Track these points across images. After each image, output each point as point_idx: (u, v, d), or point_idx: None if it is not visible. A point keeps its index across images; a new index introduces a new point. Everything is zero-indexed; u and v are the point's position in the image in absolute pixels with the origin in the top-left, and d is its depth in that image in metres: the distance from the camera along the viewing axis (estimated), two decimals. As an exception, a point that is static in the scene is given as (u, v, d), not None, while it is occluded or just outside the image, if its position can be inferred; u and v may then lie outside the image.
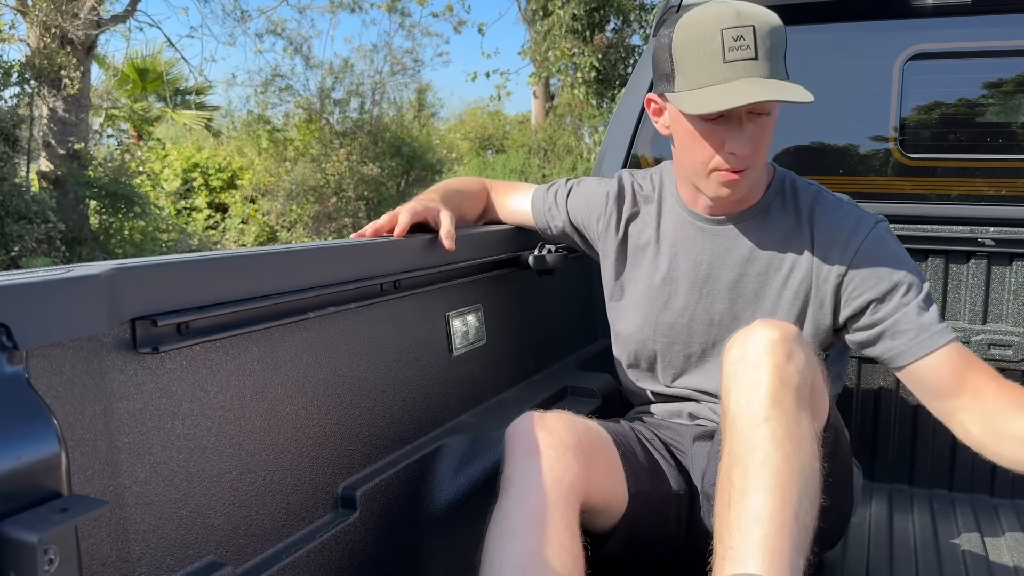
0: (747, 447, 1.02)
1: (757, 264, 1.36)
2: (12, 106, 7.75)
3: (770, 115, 1.22)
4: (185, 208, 11.75)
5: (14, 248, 6.99)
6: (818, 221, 1.33)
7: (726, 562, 0.98)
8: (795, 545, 0.97)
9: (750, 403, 1.05)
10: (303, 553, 1.04)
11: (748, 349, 1.08)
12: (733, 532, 0.98)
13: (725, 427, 1.09)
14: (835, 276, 1.31)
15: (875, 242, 1.30)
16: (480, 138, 17.76)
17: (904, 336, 1.26)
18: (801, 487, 1.00)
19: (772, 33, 1.17)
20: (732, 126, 1.20)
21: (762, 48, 1.15)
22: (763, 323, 1.12)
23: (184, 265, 0.89)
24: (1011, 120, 1.89)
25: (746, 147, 1.20)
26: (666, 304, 1.43)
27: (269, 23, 10.87)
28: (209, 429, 0.93)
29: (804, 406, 1.06)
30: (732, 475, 1.03)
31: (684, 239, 1.41)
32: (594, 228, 1.54)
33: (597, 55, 10.43)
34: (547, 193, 1.61)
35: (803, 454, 1.02)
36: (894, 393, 1.97)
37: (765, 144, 1.24)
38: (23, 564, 0.57)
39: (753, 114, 1.20)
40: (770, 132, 1.24)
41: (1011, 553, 1.63)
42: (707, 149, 1.23)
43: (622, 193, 1.49)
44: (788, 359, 1.06)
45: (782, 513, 0.97)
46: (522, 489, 1.13)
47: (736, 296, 1.38)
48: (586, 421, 1.32)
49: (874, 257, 1.29)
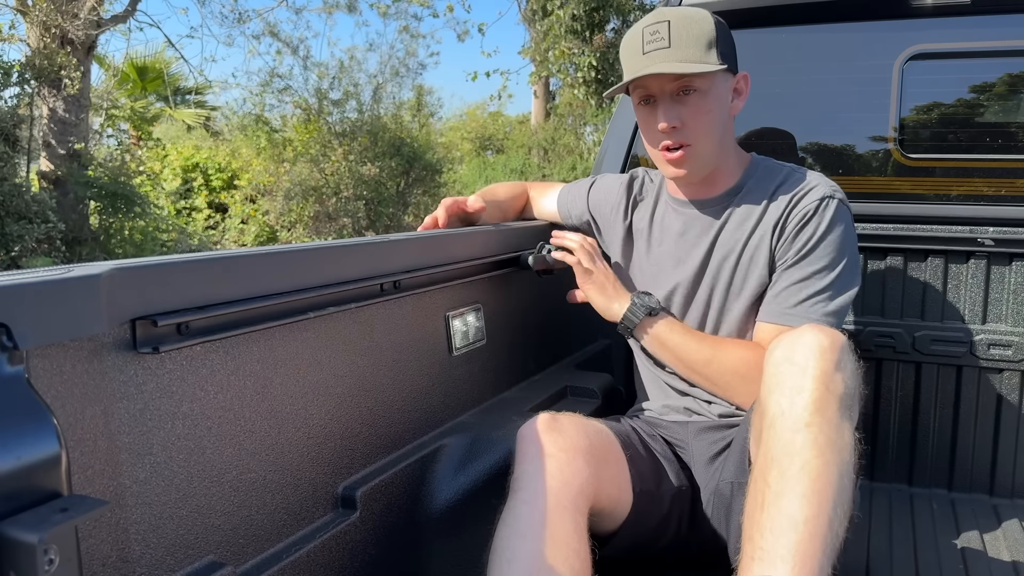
0: (786, 451, 1.02)
1: (726, 245, 1.42)
2: (12, 106, 7.74)
3: (697, 92, 1.32)
4: (185, 208, 11.74)
5: (14, 248, 6.99)
6: (779, 192, 1.39)
7: (755, 563, 0.97)
8: (826, 553, 0.96)
9: (793, 406, 1.04)
10: (303, 553, 1.04)
11: (795, 352, 1.08)
12: (765, 534, 0.98)
13: (762, 427, 1.08)
14: (774, 234, 1.37)
15: (818, 211, 1.33)
16: (480, 138, 17.76)
17: (767, 303, 1.35)
18: (837, 496, 1.00)
19: (690, 25, 1.31)
20: (660, 107, 1.35)
21: (676, 37, 1.31)
22: (813, 327, 1.12)
23: (184, 265, 0.89)
24: (1010, 120, 1.89)
25: (669, 122, 1.33)
26: (654, 283, 1.50)
27: (267, 24, 10.86)
28: (209, 429, 0.93)
29: (847, 416, 1.06)
30: (768, 477, 1.02)
31: (667, 225, 1.51)
32: (608, 216, 1.63)
33: (596, 55, 10.43)
34: (572, 188, 1.77)
35: (842, 464, 1.02)
36: (894, 393, 1.97)
37: (699, 122, 1.34)
38: (23, 564, 0.57)
39: (680, 95, 1.33)
40: (704, 109, 1.34)
41: (1011, 553, 1.63)
42: (647, 131, 1.40)
43: (632, 184, 1.61)
44: (836, 367, 1.06)
45: (818, 520, 0.97)
46: (532, 491, 1.13)
47: (711, 278, 1.43)
48: (596, 423, 1.33)
49: (810, 222, 1.34)
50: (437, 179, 11.13)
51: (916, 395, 1.95)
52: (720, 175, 1.44)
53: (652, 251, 1.52)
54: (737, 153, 1.46)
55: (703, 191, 1.46)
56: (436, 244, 1.38)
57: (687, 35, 1.31)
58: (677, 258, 1.47)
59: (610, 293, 1.46)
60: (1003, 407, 1.88)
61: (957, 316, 1.91)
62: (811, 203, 1.34)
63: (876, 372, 1.98)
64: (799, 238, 1.33)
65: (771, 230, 1.36)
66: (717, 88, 1.35)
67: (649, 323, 1.42)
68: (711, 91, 1.34)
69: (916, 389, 1.95)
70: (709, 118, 1.35)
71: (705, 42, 1.31)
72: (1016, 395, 1.87)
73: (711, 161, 1.40)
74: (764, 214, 1.38)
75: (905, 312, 1.94)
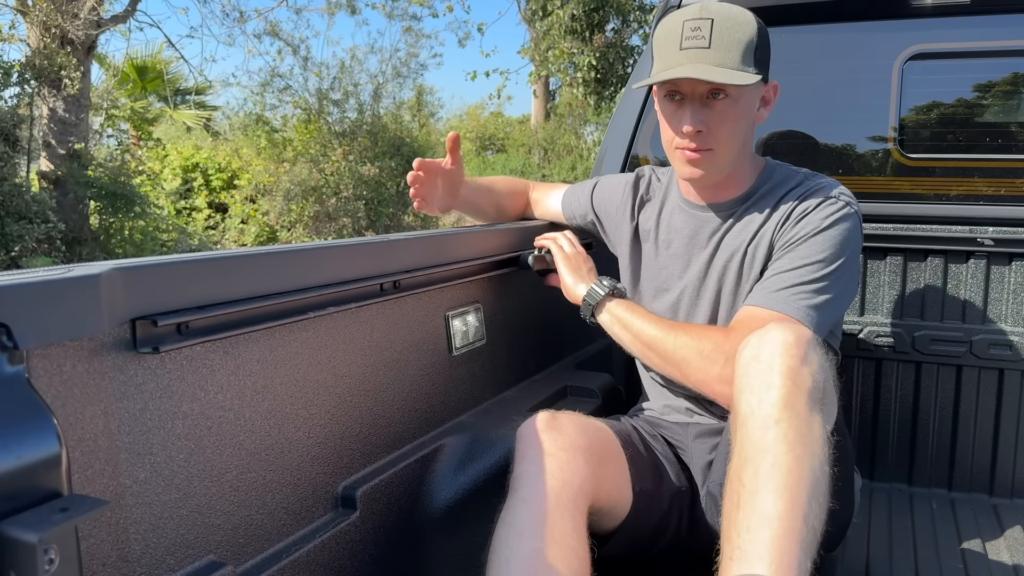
0: (757, 448, 1.02)
1: (731, 247, 1.40)
2: (12, 106, 7.74)
3: (728, 98, 1.29)
4: (185, 208, 11.74)
5: (14, 248, 6.99)
6: (789, 195, 1.37)
7: (733, 562, 0.98)
8: (803, 548, 0.96)
9: (762, 404, 1.04)
10: (303, 553, 1.04)
11: (762, 350, 1.08)
12: (741, 532, 0.98)
13: (735, 427, 1.09)
14: (776, 227, 1.35)
15: (820, 206, 1.31)
16: (480, 138, 17.76)
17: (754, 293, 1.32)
18: (811, 490, 1.00)
19: (733, 28, 1.27)
20: (688, 108, 1.30)
21: (717, 39, 1.26)
22: (777, 324, 1.12)
23: (184, 265, 0.89)
24: (1010, 120, 1.89)
25: (694, 126, 1.29)
26: (663, 287, 1.49)
27: (267, 24, 10.85)
28: (209, 429, 0.93)
29: (816, 409, 1.06)
30: (742, 476, 1.03)
31: (676, 225, 1.49)
32: (614, 217, 1.62)
33: (595, 55, 10.43)
34: (576, 188, 1.75)
35: (814, 457, 1.02)
36: (894, 393, 1.97)
37: (725, 128, 1.31)
38: (23, 564, 0.57)
39: (709, 98, 1.29)
40: (731, 117, 1.30)
41: (1011, 553, 1.63)
42: (668, 128, 1.35)
43: (639, 183, 1.59)
44: (803, 362, 1.06)
45: (791, 515, 0.97)
46: (531, 490, 1.13)
47: (718, 279, 1.41)
48: (596, 423, 1.33)
49: (810, 215, 1.31)
50: (437, 179, 11.10)
51: (916, 395, 1.95)
52: (734, 180, 1.41)
53: (660, 254, 1.50)
54: (752, 158, 1.43)
55: (716, 194, 1.43)
56: (436, 244, 1.38)
57: (729, 38, 1.26)
58: (685, 261, 1.46)
59: (583, 275, 1.49)
60: (1003, 407, 1.88)
61: (957, 316, 1.91)
62: (815, 200, 1.32)
63: (876, 372, 1.98)
64: (797, 227, 1.31)
65: (774, 225, 1.35)
66: (748, 96, 1.32)
67: (609, 304, 1.41)
68: (742, 99, 1.30)
69: (916, 389, 1.95)
70: (736, 126, 1.32)
71: (745, 47, 1.27)
72: (1016, 395, 1.87)
73: (728, 166, 1.37)
74: (771, 215, 1.36)
75: (905, 312, 1.95)
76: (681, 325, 1.36)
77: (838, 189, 1.35)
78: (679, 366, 1.29)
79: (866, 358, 1.97)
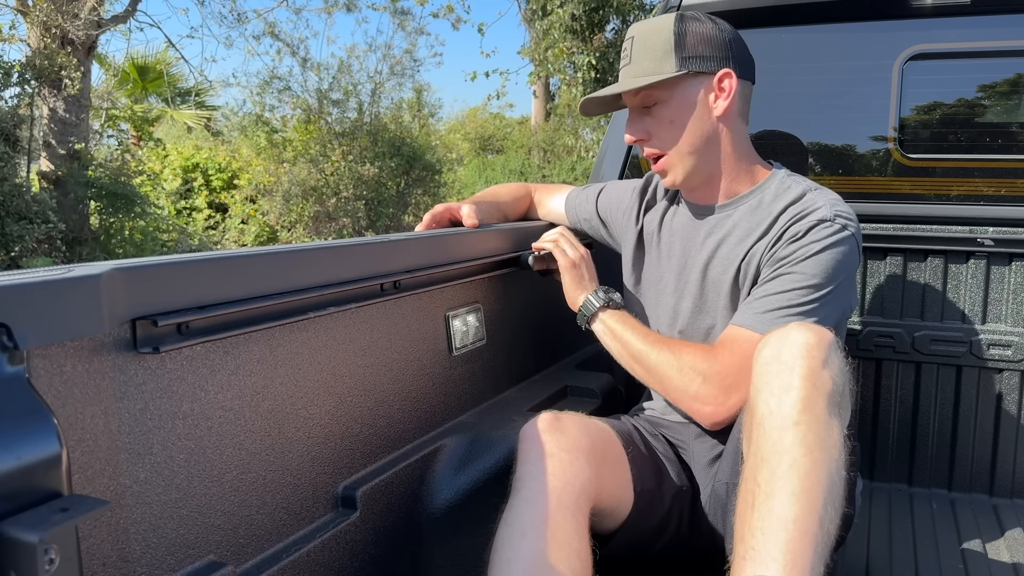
0: (775, 450, 1.02)
1: (726, 259, 1.39)
2: (12, 106, 7.73)
3: (659, 103, 1.36)
4: (185, 208, 11.73)
5: (14, 248, 6.99)
6: (787, 210, 1.34)
7: (747, 563, 0.97)
8: (817, 551, 0.96)
9: (781, 406, 1.04)
10: (303, 553, 1.04)
11: (782, 350, 1.07)
12: (756, 533, 0.98)
13: (751, 427, 1.08)
14: (766, 248, 1.33)
15: (812, 230, 1.28)
16: (480, 138, 17.75)
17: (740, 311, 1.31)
18: (827, 493, 1.00)
19: (649, 36, 1.35)
20: (630, 118, 1.42)
21: (636, 53, 1.36)
22: (799, 325, 1.11)
23: (184, 265, 0.89)
24: (1010, 120, 1.89)
25: (632, 135, 1.40)
26: (663, 289, 1.49)
27: (267, 24, 10.85)
28: (209, 429, 0.93)
29: (835, 413, 1.05)
30: (758, 477, 1.02)
31: (676, 228, 1.50)
32: (620, 221, 1.63)
33: (595, 55, 10.43)
34: (581, 191, 1.78)
35: (831, 461, 1.02)
36: (894, 393, 1.97)
37: (665, 131, 1.37)
38: (23, 564, 0.57)
39: (646, 108, 1.38)
40: (667, 118, 1.36)
41: (1011, 553, 1.63)
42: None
43: (646, 188, 1.61)
44: (824, 365, 1.06)
45: (807, 518, 0.97)
46: (534, 491, 1.13)
47: (709, 283, 1.41)
48: (598, 423, 1.33)
49: (801, 239, 1.28)
50: (437, 179, 11.12)
51: (916, 395, 1.95)
52: (723, 181, 1.40)
53: (662, 260, 1.51)
54: (748, 160, 1.41)
55: (706, 196, 1.44)
56: (436, 244, 1.38)
57: (644, 48, 1.34)
58: (682, 264, 1.46)
59: (584, 284, 1.50)
60: (1003, 407, 1.88)
61: (957, 316, 1.91)
62: (809, 222, 1.28)
63: (876, 372, 1.98)
64: (790, 248, 1.28)
65: (768, 244, 1.32)
66: (682, 94, 1.34)
67: (603, 315, 1.45)
68: (673, 99, 1.35)
69: (916, 389, 1.95)
70: (675, 126, 1.36)
71: (661, 52, 1.33)
72: (1016, 395, 1.87)
73: (698, 167, 1.38)
74: (767, 231, 1.33)
75: (905, 312, 1.95)
76: (667, 341, 1.37)
77: (836, 209, 1.30)
78: (660, 381, 1.34)
79: (866, 358, 1.98)
